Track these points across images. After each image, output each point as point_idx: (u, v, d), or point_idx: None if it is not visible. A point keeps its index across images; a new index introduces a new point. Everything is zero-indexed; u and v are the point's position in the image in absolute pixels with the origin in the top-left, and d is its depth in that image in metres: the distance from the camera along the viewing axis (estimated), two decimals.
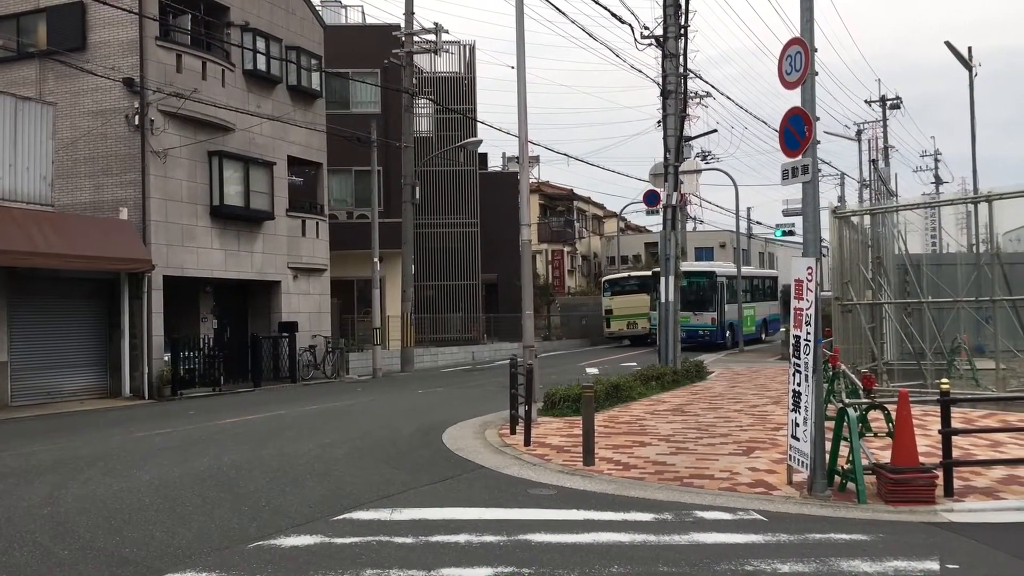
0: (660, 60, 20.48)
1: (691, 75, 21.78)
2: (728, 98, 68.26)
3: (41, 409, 16.85)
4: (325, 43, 26.49)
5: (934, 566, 5.95)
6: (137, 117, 19.72)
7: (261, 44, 23.28)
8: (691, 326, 32.13)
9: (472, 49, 35.67)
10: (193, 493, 8.46)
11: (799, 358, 8.05)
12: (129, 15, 19.52)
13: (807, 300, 7.96)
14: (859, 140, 49.52)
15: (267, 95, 23.65)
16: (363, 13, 42.13)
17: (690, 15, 20.29)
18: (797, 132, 8.19)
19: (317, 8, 27.41)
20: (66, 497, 8.32)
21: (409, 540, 6.64)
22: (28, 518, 7.49)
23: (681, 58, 20.30)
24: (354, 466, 9.98)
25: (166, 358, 19.54)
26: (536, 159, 55.17)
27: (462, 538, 6.67)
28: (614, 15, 19.67)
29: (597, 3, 19.05)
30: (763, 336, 39.67)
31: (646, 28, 20.38)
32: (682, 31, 20.21)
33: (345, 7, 36.42)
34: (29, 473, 9.70)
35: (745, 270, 38.34)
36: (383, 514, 7.52)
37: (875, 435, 10.33)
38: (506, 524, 7.11)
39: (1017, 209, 15.34)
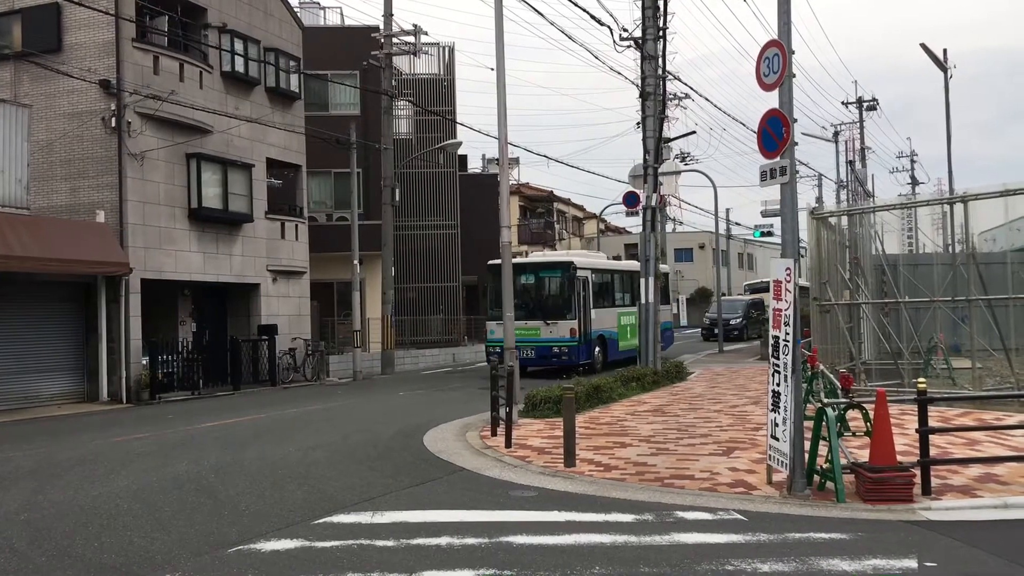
0: (639, 62, 20.56)
1: (670, 77, 21.89)
2: (707, 100, 68.68)
3: (18, 414, 16.68)
4: (304, 45, 26.39)
5: (912, 564, 6.00)
6: (114, 119, 19.56)
7: (239, 46, 23.15)
8: (542, 342, 22.97)
9: (451, 51, 35.65)
10: (172, 498, 8.40)
11: (778, 358, 8.10)
12: (105, 16, 19.36)
13: (786, 301, 8.01)
14: (836, 141, 49.90)
15: (245, 97, 23.53)
16: (342, 15, 41.93)
17: (668, 17, 20.40)
18: (775, 133, 8.23)
19: (295, 10, 27.31)
20: (44, 503, 8.24)
21: (390, 543, 6.63)
22: (5, 524, 7.41)
23: (660, 60, 20.38)
24: (335, 469, 9.94)
25: (144, 362, 19.40)
26: (516, 161, 55.27)
27: (443, 540, 6.66)
28: (593, 17, 19.72)
29: (576, 5, 19.11)
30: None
31: (625, 30, 20.47)
32: (660, 33, 20.30)
33: (324, 9, 36.28)
34: (6, 479, 9.60)
35: (628, 264, 29.36)
36: (364, 517, 7.50)
37: (854, 434, 10.41)
38: (487, 526, 7.11)
39: (992, 210, 15.52)
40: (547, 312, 23.43)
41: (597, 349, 24.57)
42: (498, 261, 21.46)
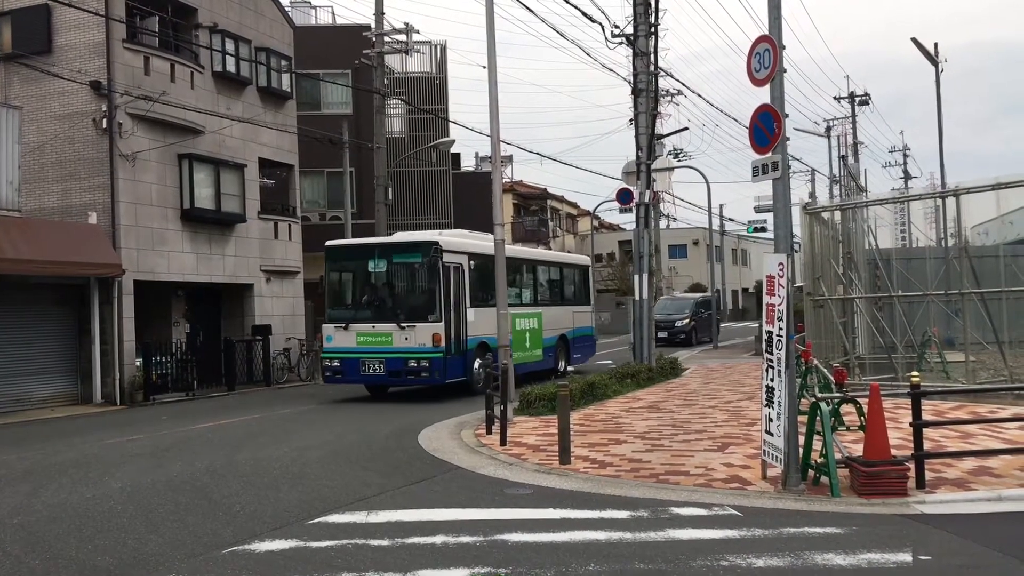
0: (631, 58, 20.54)
1: (662, 73, 21.87)
2: (699, 96, 68.55)
3: (10, 417, 16.61)
4: (295, 44, 26.33)
5: (907, 558, 6.01)
6: (105, 120, 19.49)
7: (230, 46, 23.09)
8: (394, 352, 17.14)
9: (443, 49, 35.61)
10: (166, 499, 8.38)
11: (772, 354, 8.10)
12: (95, 17, 19.27)
13: (779, 296, 8.01)
14: (829, 137, 49.98)
15: (237, 97, 23.46)
16: (333, 14, 41.99)
17: (660, 14, 20.39)
18: (767, 129, 8.23)
19: (286, 9, 27.24)
20: (37, 506, 8.21)
21: (385, 542, 6.62)
22: None
23: (652, 56, 20.37)
24: (329, 469, 9.93)
25: (138, 363, 19.32)
26: (509, 159, 55.23)
27: (438, 539, 6.65)
28: (584, 14, 19.70)
29: (567, 2, 19.08)
30: (561, 366, 22.30)
31: (616, 27, 20.43)
32: (652, 30, 20.29)
33: (315, 8, 36.22)
34: None
35: (517, 250, 23.12)
36: (359, 517, 7.49)
37: (848, 429, 10.44)
38: (482, 524, 7.10)
39: (984, 203, 15.52)
40: (402, 312, 17.17)
41: (477, 362, 17.93)
42: (339, 242, 19.16)
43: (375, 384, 18.48)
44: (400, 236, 20.08)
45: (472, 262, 18.17)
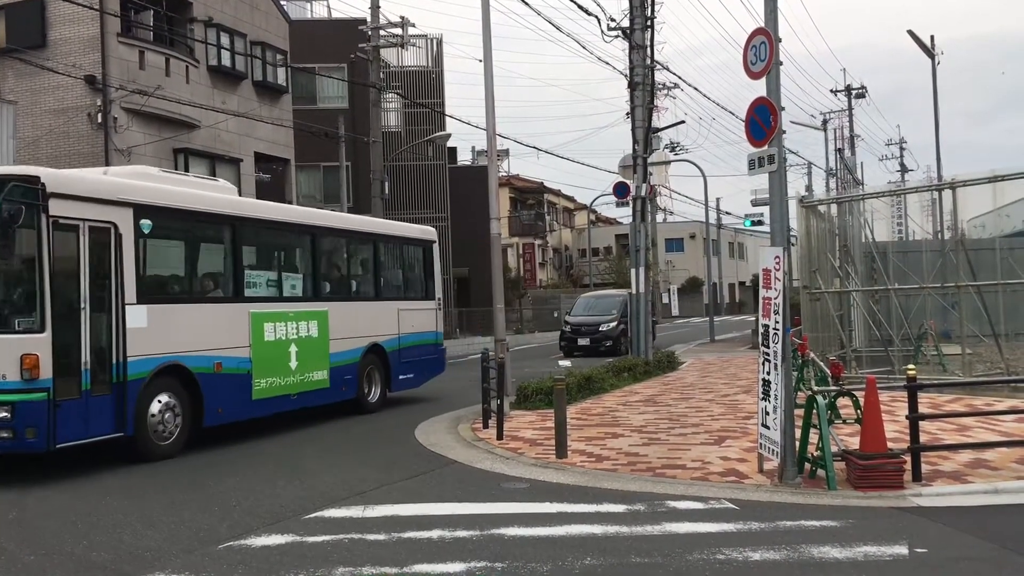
0: (627, 52, 20.51)
1: (658, 67, 21.88)
2: (696, 89, 68.71)
3: None
4: (291, 38, 26.29)
5: (903, 550, 6.01)
6: (100, 115, 19.46)
7: (225, 40, 23.05)
8: None
9: (439, 43, 35.58)
10: (161, 494, 8.36)
11: (768, 347, 8.09)
12: (90, 11, 19.22)
13: (775, 289, 8.00)
14: (825, 130, 49.95)
15: (232, 91, 23.41)
16: (328, 8, 41.86)
17: (656, 7, 20.40)
18: (763, 122, 8.22)
19: (282, 3, 27.17)
20: (31, 501, 8.19)
21: (382, 537, 6.61)
22: None
23: (648, 50, 20.34)
24: (326, 463, 9.92)
25: None
26: (505, 152, 55.21)
27: (435, 534, 6.64)
28: (580, 7, 19.65)
29: None
30: (372, 395, 14.73)
31: (612, 20, 20.41)
32: (648, 23, 20.26)
33: (310, 1, 36.20)
34: None
35: (263, 207, 13.55)
36: (355, 511, 7.48)
37: (844, 422, 10.44)
38: (479, 519, 7.09)
39: (981, 196, 15.54)
40: None
41: (159, 403, 10.27)
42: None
43: None
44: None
45: (147, 221, 10.37)
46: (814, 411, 8.15)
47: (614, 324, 27.51)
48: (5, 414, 8.75)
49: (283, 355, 12.36)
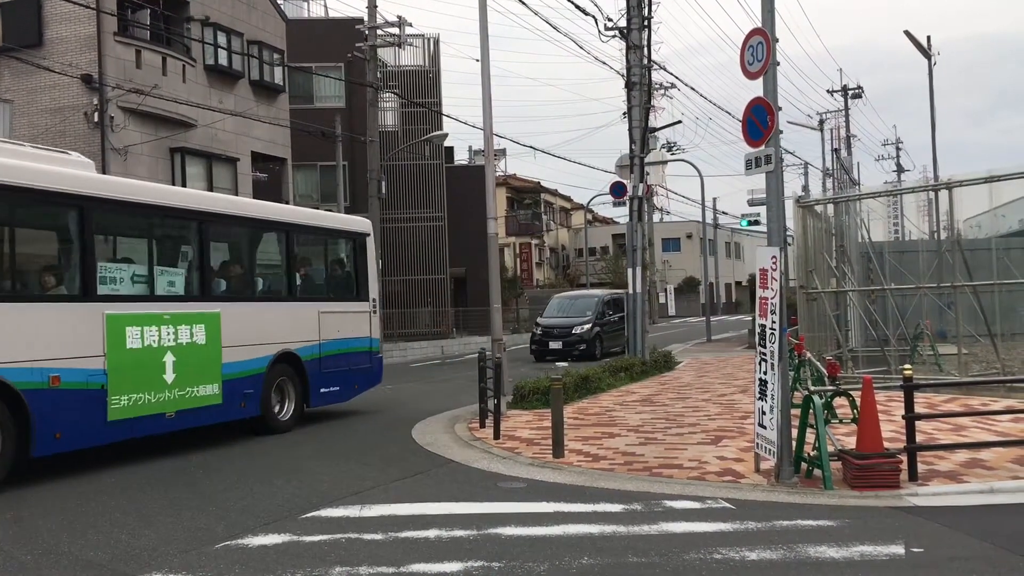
0: (624, 52, 20.53)
1: (655, 66, 21.89)
2: (693, 89, 68.75)
3: None
4: (288, 37, 26.27)
5: (899, 550, 6.02)
6: (96, 114, 19.43)
7: (222, 39, 23.03)
8: None
9: (436, 42, 35.54)
10: (158, 494, 8.35)
11: (765, 347, 8.10)
12: (86, 10, 19.19)
13: (772, 289, 8.01)
14: (822, 130, 50.08)
15: (229, 90, 23.39)
16: (326, 7, 41.83)
17: (653, 7, 20.40)
18: (760, 122, 8.23)
19: (279, 2, 27.16)
20: (28, 500, 8.18)
21: (378, 536, 6.61)
22: None
23: (645, 50, 20.36)
24: (322, 463, 9.92)
25: None
26: (503, 152, 55.20)
27: (432, 533, 6.64)
28: (578, 7, 19.65)
29: None
30: (285, 412, 12.46)
31: (610, 20, 20.43)
32: (645, 23, 20.27)
33: (307, 1, 36.14)
34: None
35: (145, 188, 11.42)
36: (352, 511, 7.48)
37: (840, 421, 10.46)
38: (476, 518, 7.10)
39: (977, 196, 15.57)
40: None
41: None
42: None
43: None
44: None
45: None
46: (810, 411, 8.17)
47: (588, 327, 26.11)
48: None
49: (154, 366, 10.07)
